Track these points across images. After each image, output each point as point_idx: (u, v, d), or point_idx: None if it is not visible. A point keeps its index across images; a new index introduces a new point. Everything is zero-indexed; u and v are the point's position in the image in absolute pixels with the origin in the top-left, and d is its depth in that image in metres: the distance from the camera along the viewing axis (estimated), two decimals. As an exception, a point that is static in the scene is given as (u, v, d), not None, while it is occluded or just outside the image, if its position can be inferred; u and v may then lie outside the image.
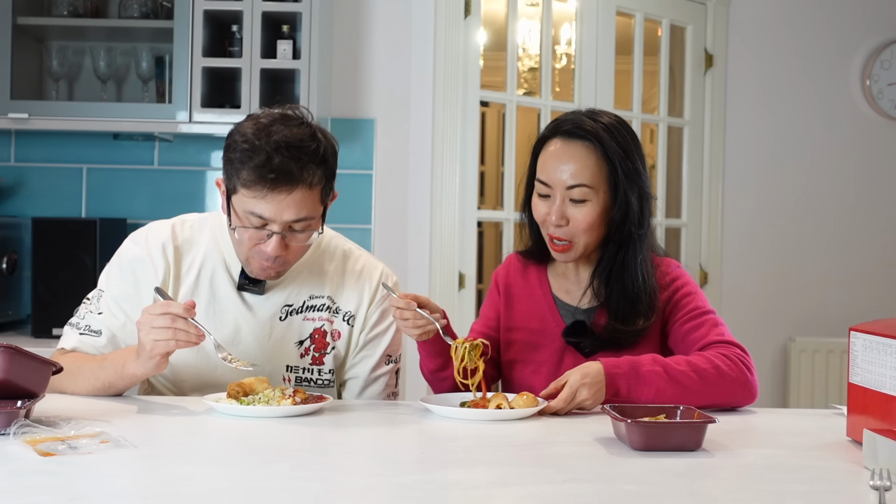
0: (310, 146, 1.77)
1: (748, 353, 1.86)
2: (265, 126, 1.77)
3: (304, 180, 1.75)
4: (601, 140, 1.88)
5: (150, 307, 1.72)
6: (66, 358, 1.90)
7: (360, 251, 2.05)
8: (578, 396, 1.75)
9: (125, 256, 1.95)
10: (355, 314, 1.99)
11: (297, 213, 1.77)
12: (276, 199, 1.75)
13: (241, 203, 1.78)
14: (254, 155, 1.74)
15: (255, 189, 1.74)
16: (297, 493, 1.24)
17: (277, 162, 1.73)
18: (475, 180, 3.58)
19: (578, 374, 1.76)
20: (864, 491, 1.28)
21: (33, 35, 3.31)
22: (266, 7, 3.11)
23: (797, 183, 4.16)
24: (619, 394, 1.77)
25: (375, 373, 2.02)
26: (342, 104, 3.41)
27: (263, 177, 1.73)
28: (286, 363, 1.94)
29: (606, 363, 1.78)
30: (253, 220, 1.78)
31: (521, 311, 2.02)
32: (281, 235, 1.78)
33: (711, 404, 1.82)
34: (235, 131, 1.80)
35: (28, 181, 3.44)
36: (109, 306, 1.93)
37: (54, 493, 1.20)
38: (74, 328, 1.95)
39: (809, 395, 4.06)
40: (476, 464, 1.43)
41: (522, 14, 4.52)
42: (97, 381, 1.83)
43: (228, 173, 1.79)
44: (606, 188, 1.89)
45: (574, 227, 1.89)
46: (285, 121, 1.79)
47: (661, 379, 1.78)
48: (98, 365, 1.85)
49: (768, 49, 4.15)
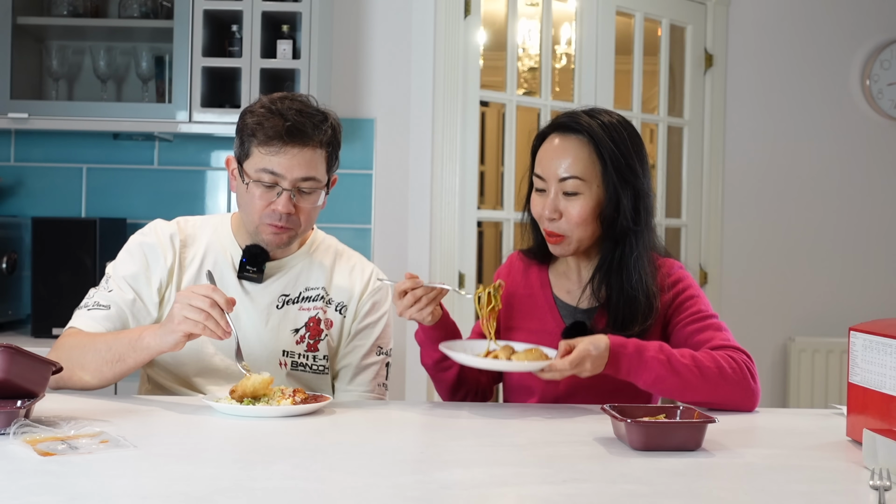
0: (319, 115, 1.95)
1: (753, 361, 1.87)
2: (279, 98, 1.95)
3: (315, 139, 1.91)
4: (594, 135, 1.89)
5: (197, 286, 1.78)
6: (78, 333, 1.92)
7: (353, 252, 2.17)
8: (581, 365, 1.75)
9: (135, 244, 2.03)
10: (347, 304, 2.07)
11: (307, 170, 1.91)
12: (290, 154, 1.89)
13: (254, 163, 1.92)
14: (271, 115, 1.90)
15: (270, 146, 1.89)
16: (297, 493, 1.24)
17: (293, 118, 1.90)
18: (475, 180, 3.58)
19: (588, 345, 1.76)
20: (864, 491, 1.28)
21: (33, 35, 3.31)
22: (266, 7, 3.11)
23: (797, 183, 4.16)
24: (618, 372, 1.79)
25: (366, 361, 2.08)
26: (342, 104, 3.41)
27: (279, 133, 1.89)
28: (282, 348, 2.01)
29: (613, 340, 1.79)
30: (265, 177, 1.90)
31: (521, 310, 2.02)
32: (290, 193, 1.91)
33: (710, 403, 1.82)
34: (249, 106, 1.97)
35: (28, 181, 3.44)
36: (119, 284, 1.98)
37: (54, 492, 1.20)
38: (83, 308, 1.98)
39: (809, 395, 4.07)
40: (476, 464, 1.43)
41: (522, 14, 4.52)
42: (108, 352, 1.83)
43: (242, 139, 1.94)
44: (600, 183, 1.89)
45: (567, 221, 1.90)
46: (295, 97, 1.97)
47: (662, 367, 1.78)
48: (112, 337, 1.86)
49: (768, 49, 4.15)
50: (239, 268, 2.01)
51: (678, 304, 1.94)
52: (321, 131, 1.92)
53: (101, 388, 1.88)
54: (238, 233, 2.05)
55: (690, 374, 1.79)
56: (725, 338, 1.90)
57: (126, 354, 1.82)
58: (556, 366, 1.74)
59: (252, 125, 1.91)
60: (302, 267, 2.06)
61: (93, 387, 1.87)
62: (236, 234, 2.05)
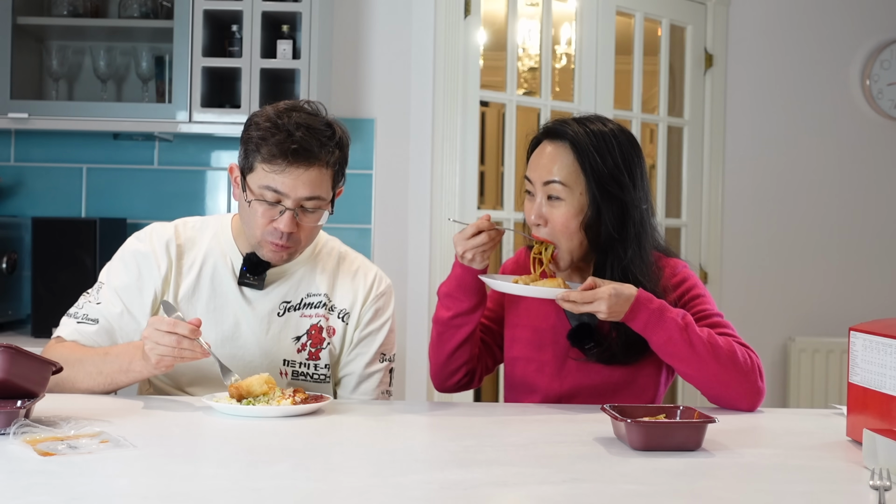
0: (327, 131, 1.88)
1: (761, 362, 1.88)
2: (285, 109, 1.88)
3: (321, 159, 1.85)
4: (577, 144, 1.90)
5: (157, 321, 1.74)
6: (65, 348, 1.91)
7: (356, 255, 2.11)
8: (597, 306, 1.78)
9: (129, 251, 1.99)
10: (350, 312, 2.03)
11: (311, 190, 1.85)
12: (294, 174, 1.83)
13: (257, 179, 1.86)
14: (276, 132, 1.83)
15: (274, 163, 1.83)
16: (297, 492, 1.24)
17: (298, 138, 1.82)
18: (475, 180, 3.58)
19: (611, 288, 1.79)
20: (864, 491, 1.28)
21: (33, 35, 3.31)
22: (266, 7, 3.11)
23: (797, 183, 4.16)
24: (634, 323, 1.81)
25: (369, 369, 2.04)
26: (342, 104, 3.41)
27: (284, 151, 1.82)
28: (283, 357, 1.98)
29: (642, 294, 1.81)
30: (268, 195, 1.85)
31: (526, 308, 2.02)
32: (293, 213, 1.85)
33: (714, 386, 1.83)
34: (255, 115, 1.90)
35: (28, 181, 3.44)
36: (108, 296, 1.95)
37: (54, 492, 1.20)
38: (72, 318, 1.97)
39: (809, 395, 4.07)
40: (476, 464, 1.43)
41: (522, 14, 4.52)
42: (100, 374, 1.84)
43: (247, 152, 1.88)
44: (583, 191, 1.90)
45: (552, 228, 1.91)
46: (303, 109, 1.90)
47: (678, 331, 1.80)
48: (101, 358, 1.86)
49: (768, 49, 4.15)
50: (239, 274, 1.96)
51: (683, 304, 1.94)
52: (328, 151, 1.86)
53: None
54: (239, 237, 1.99)
55: (703, 348, 1.81)
56: (732, 336, 1.90)
57: (118, 378, 1.84)
58: (570, 296, 1.78)
59: (257, 139, 1.85)
60: (304, 272, 2.01)
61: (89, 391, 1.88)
62: (237, 238, 2.00)
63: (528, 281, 1.89)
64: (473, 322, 1.97)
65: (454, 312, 1.96)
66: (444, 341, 1.99)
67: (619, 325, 1.87)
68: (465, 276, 1.94)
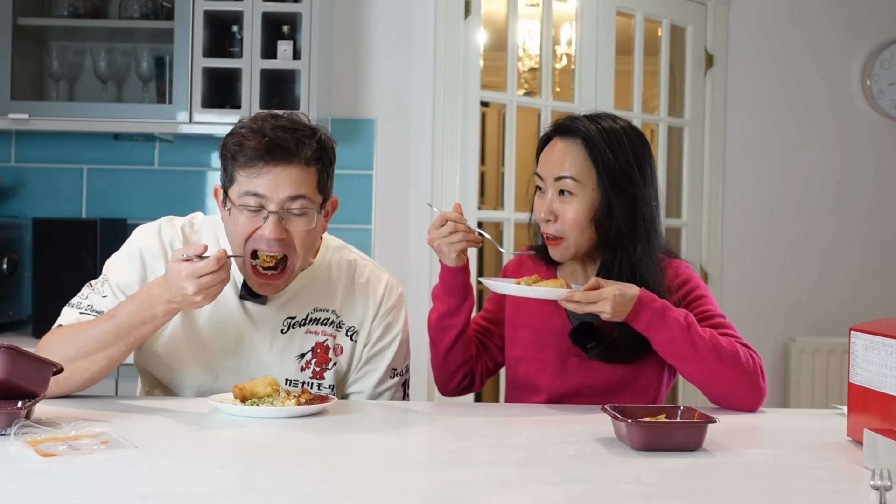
0: (306, 130, 1.81)
1: (763, 362, 1.88)
2: (263, 116, 1.83)
3: (299, 155, 1.77)
4: (590, 140, 1.90)
5: (171, 274, 1.68)
6: (66, 327, 1.84)
7: (366, 261, 2.02)
8: (601, 306, 1.77)
9: (134, 247, 1.92)
10: (359, 329, 1.96)
11: (293, 189, 1.77)
12: (273, 173, 1.76)
13: (238, 188, 1.79)
14: (252, 136, 1.77)
15: (252, 166, 1.76)
16: (298, 493, 1.24)
17: (274, 137, 1.76)
18: (475, 180, 3.59)
19: (615, 288, 1.78)
20: (864, 491, 1.28)
21: (33, 35, 3.31)
22: (266, 7, 3.11)
23: (797, 183, 4.16)
24: (637, 322, 1.81)
25: (380, 388, 1.98)
26: (342, 104, 3.41)
27: (259, 153, 1.75)
28: (286, 377, 1.91)
29: (645, 294, 1.81)
30: (250, 201, 1.77)
31: (529, 308, 2.02)
32: (277, 216, 1.77)
33: (716, 386, 1.83)
34: (232, 129, 1.84)
35: (28, 181, 3.44)
36: (114, 291, 1.88)
37: (55, 493, 1.20)
38: (74, 308, 1.89)
39: (809, 395, 4.06)
40: (476, 464, 1.43)
41: (522, 14, 4.53)
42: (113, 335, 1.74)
43: (225, 165, 1.81)
44: (595, 186, 1.91)
45: (562, 224, 1.91)
46: (281, 116, 1.84)
47: (681, 331, 1.80)
48: (109, 320, 1.75)
49: (768, 49, 4.15)
50: (241, 289, 1.89)
51: (686, 305, 1.94)
52: (305, 146, 1.77)
53: (103, 375, 1.80)
54: None
55: (705, 348, 1.81)
56: (734, 337, 1.90)
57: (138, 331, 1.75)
58: (574, 296, 1.78)
59: (233, 147, 1.78)
60: (311, 284, 1.93)
61: (94, 374, 1.78)
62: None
63: (531, 282, 1.89)
64: (460, 323, 1.96)
65: (439, 313, 1.97)
66: (437, 343, 2.00)
67: (622, 323, 1.87)
68: (446, 275, 1.94)
